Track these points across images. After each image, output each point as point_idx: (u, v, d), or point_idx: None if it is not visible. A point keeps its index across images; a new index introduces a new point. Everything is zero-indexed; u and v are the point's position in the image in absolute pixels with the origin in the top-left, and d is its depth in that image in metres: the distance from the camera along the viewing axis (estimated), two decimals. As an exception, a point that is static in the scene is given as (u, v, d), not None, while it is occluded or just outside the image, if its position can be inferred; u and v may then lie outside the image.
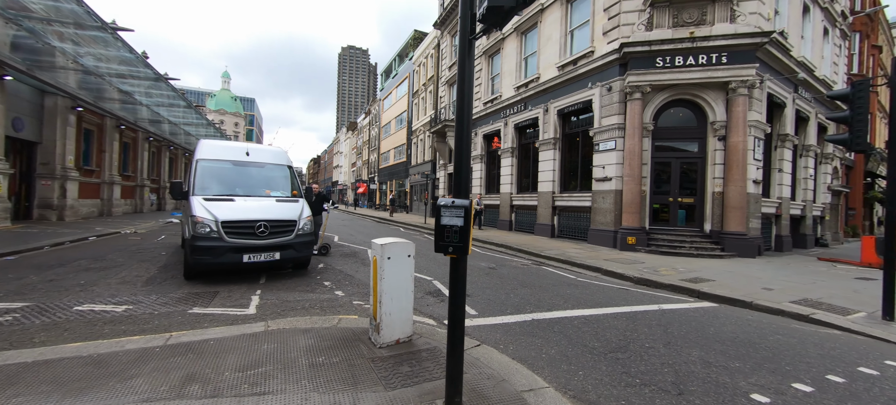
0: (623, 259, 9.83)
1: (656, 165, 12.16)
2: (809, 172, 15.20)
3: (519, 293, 5.91)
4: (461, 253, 2.30)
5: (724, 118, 11.15)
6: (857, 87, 5.20)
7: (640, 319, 4.80)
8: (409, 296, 3.38)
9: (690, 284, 7.04)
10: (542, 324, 4.42)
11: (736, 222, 10.91)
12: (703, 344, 3.98)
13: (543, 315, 4.76)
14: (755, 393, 2.89)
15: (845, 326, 4.93)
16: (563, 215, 14.74)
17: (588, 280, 7.48)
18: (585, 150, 13.90)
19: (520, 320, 4.52)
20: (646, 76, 11.40)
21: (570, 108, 14.24)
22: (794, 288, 7.04)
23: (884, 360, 3.77)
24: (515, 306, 5.13)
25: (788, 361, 3.59)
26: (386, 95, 46.63)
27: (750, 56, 10.73)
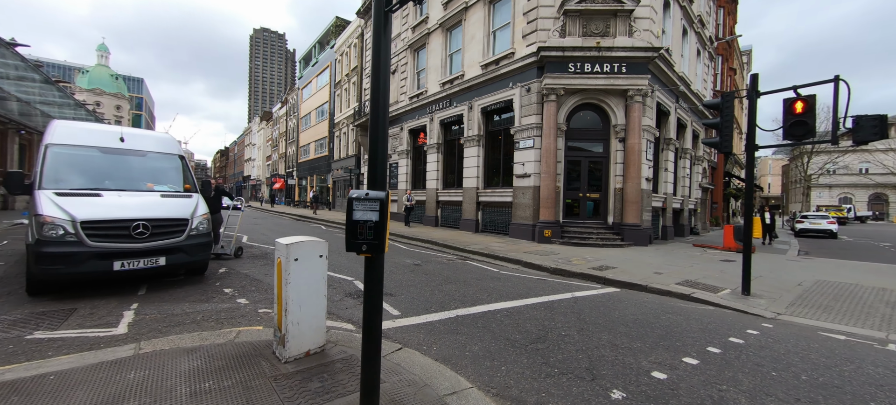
0: (541, 251, 10.42)
1: (568, 163, 13.15)
2: (686, 172, 17.88)
3: (444, 289, 5.82)
4: (376, 251, 2.05)
5: (624, 122, 12.47)
6: (725, 98, 6.11)
7: (557, 308, 5.03)
8: (322, 301, 3.01)
9: (597, 272, 7.68)
10: (467, 320, 4.36)
11: (633, 215, 12.30)
12: (611, 327, 4.28)
13: (468, 310, 4.72)
14: (655, 370, 3.15)
15: (716, 302, 5.77)
16: (487, 210, 15.19)
17: (510, 272, 7.73)
18: (507, 148, 14.48)
19: (444, 318, 4.40)
20: (560, 80, 12.22)
21: (493, 107, 14.69)
22: (677, 271, 8.11)
23: (746, 330, 4.45)
24: (440, 303, 5.02)
25: (678, 338, 4.03)
26: (305, 84, 43.58)
27: (644, 68, 12.14)
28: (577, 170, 13.22)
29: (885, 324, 4.81)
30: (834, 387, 3.00)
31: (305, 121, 43.36)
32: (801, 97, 5.55)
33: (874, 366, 3.46)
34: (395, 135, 21.47)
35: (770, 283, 7.13)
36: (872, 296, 6.33)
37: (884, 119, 4.93)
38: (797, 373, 3.22)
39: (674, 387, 2.86)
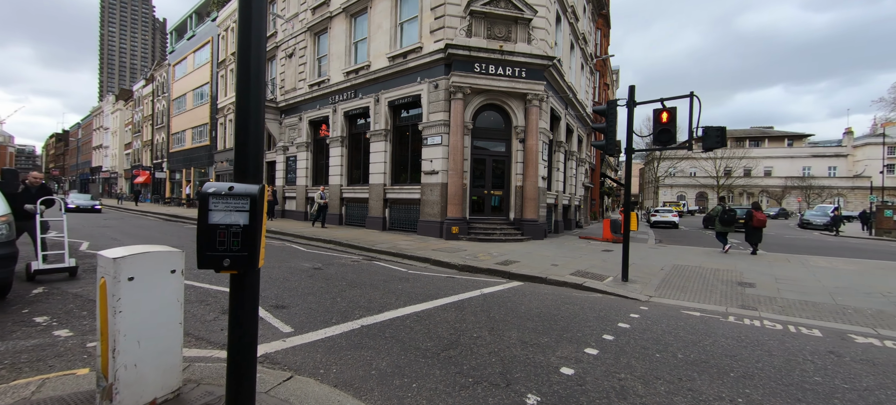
0: (449, 248, 10.43)
1: (474, 161, 13.50)
2: (573, 172, 20.08)
3: (348, 295, 5.26)
4: (246, 266, 1.52)
5: (524, 124, 13.29)
6: (610, 105, 6.79)
7: (467, 307, 4.92)
8: (177, 331, 2.27)
9: (502, 267, 7.92)
10: (374, 330, 3.92)
11: (531, 211, 13.21)
12: (518, 324, 4.31)
13: (374, 318, 4.28)
14: (563, 366, 3.18)
15: (603, 289, 6.38)
16: (395, 208, 14.76)
17: (419, 272, 7.47)
18: (415, 144, 14.24)
19: (348, 330, 3.89)
20: (466, 79, 12.43)
21: (400, 101, 14.28)
22: (570, 262, 8.87)
23: (629, 314, 4.93)
24: (343, 312, 4.47)
25: (578, 328, 4.24)
26: (179, 60, 37.00)
27: (540, 74, 13.10)
28: (482, 168, 13.66)
29: (725, 300, 5.86)
30: (702, 362, 3.40)
31: (179, 103, 36.86)
32: (667, 109, 6.46)
33: (725, 338, 4.09)
34: (294, 125, 19.54)
35: (640, 269, 8.23)
36: (711, 275, 7.76)
37: (723, 130, 6.00)
38: (674, 353, 3.60)
39: (581, 383, 2.89)
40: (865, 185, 48.64)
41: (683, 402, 2.66)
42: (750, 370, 3.25)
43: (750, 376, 3.13)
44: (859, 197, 50.02)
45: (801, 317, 5.04)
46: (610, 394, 2.72)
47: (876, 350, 3.90)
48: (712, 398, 2.74)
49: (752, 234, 11.77)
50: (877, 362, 3.55)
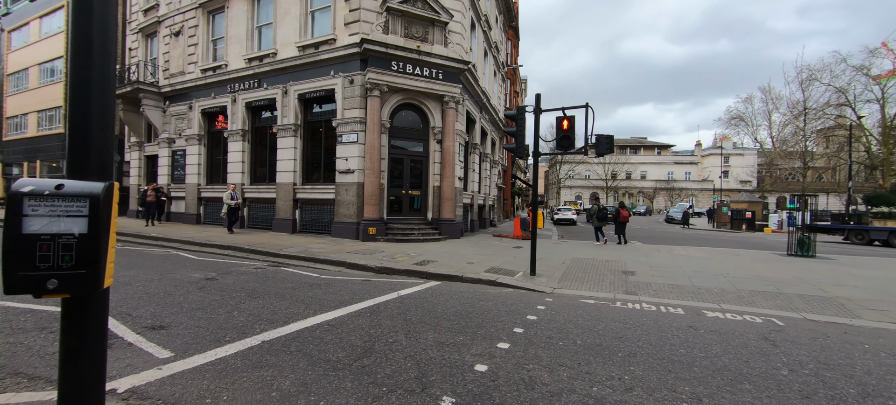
0: (365, 249, 10.07)
1: (392, 161, 13.28)
2: (487, 173, 21.09)
3: (247, 308, 4.68)
4: (86, 287, 1.18)
5: (441, 125, 13.50)
6: (519, 111, 7.23)
7: (383, 311, 4.76)
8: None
9: (420, 267, 7.90)
10: (277, 345, 3.53)
11: (448, 211, 13.48)
12: (435, 324, 4.30)
13: (278, 332, 3.87)
14: (478, 363, 3.24)
15: (514, 284, 6.76)
16: (306, 208, 13.78)
17: (332, 276, 7.04)
18: (329, 141, 13.48)
19: (245, 348, 3.44)
20: (383, 76, 12.15)
21: (312, 94, 13.37)
22: (485, 260, 9.25)
23: (536, 306, 5.30)
24: (240, 328, 3.95)
25: (491, 324, 4.39)
26: (17, 25, 29.48)
27: (456, 77, 13.44)
28: (400, 167, 13.52)
29: (613, 287, 6.66)
30: (597, 346, 3.78)
31: (19, 80, 29.38)
32: (567, 117, 7.11)
33: (614, 322, 4.63)
34: (182, 114, 16.98)
35: (546, 263, 8.96)
36: (603, 266, 8.79)
37: (611, 138, 6.82)
38: (574, 340, 3.94)
39: (494, 378, 2.97)
40: (709, 187, 60.55)
41: (582, 385, 2.90)
42: (633, 349, 3.71)
43: (633, 354, 3.57)
44: (706, 197, 61.90)
45: (669, 298, 5.97)
46: (520, 387, 2.84)
47: (720, 322, 4.80)
48: (605, 378, 3.04)
49: (619, 228, 14.53)
50: (721, 332, 4.35)
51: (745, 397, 2.80)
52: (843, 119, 37.32)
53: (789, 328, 4.58)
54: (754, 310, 5.33)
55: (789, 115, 41.85)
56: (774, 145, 45.93)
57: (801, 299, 5.98)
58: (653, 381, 3.01)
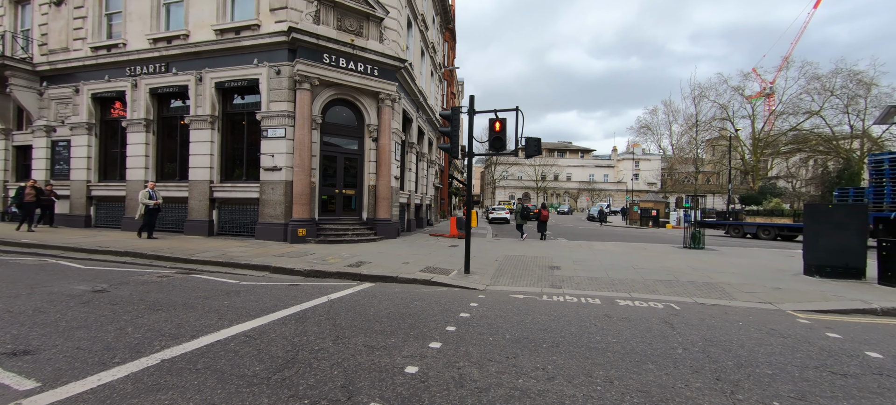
0: (294, 252, 9.46)
1: (325, 158, 12.66)
2: (424, 173, 21.12)
3: (145, 323, 4.09)
4: None
5: (377, 123, 13.19)
6: (454, 111, 7.33)
7: (310, 317, 4.48)
8: None
9: (353, 269, 7.62)
10: (180, 363, 3.12)
11: (384, 210, 13.22)
12: (366, 328, 4.16)
13: (184, 347, 3.43)
14: (408, 365, 3.18)
15: (449, 283, 6.83)
16: (226, 209, 12.56)
17: (254, 282, 6.48)
18: (253, 136, 12.43)
19: (139, 369, 2.98)
20: (314, 69, 11.52)
21: (232, 83, 12.21)
22: (420, 259, 9.22)
23: (469, 303, 5.40)
24: (134, 346, 3.43)
25: (425, 324, 4.37)
26: None
27: (392, 75, 13.23)
28: (334, 165, 12.95)
29: (541, 282, 7.06)
30: (524, 339, 3.95)
31: None
32: (499, 119, 7.37)
33: (540, 315, 4.89)
34: (65, 98, 14.46)
35: (480, 261, 9.20)
36: (532, 262, 9.28)
37: (539, 140, 7.22)
38: (504, 334, 4.08)
39: (424, 379, 2.94)
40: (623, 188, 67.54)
41: (509, 378, 3.00)
42: (557, 340, 3.95)
43: (556, 345, 3.79)
44: (621, 197, 68.86)
45: (588, 290, 6.49)
46: (450, 385, 2.85)
47: (630, 309, 5.32)
48: (530, 370, 3.18)
49: (540, 226, 16.06)
50: (631, 319, 4.83)
51: (649, 376, 3.11)
52: (725, 131, 44.05)
53: (684, 312, 5.24)
54: (657, 297, 6.02)
55: (685, 126, 48.35)
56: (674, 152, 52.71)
57: (693, 286, 6.89)
58: (572, 369, 3.22)
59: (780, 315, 5.19)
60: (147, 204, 10.99)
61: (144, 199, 11.02)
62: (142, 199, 10.98)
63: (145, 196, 11.07)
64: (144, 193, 11.09)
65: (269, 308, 4.84)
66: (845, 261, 7.22)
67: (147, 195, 11.11)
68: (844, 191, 19.34)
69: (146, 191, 11.19)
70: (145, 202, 10.98)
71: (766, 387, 2.95)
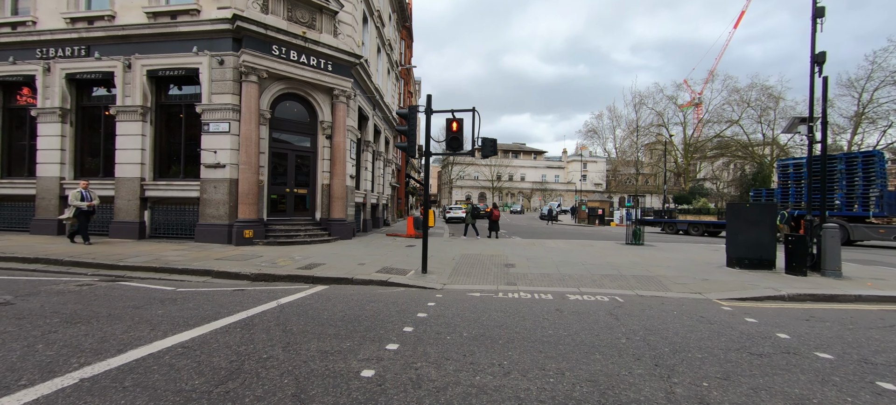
0: (240, 255, 8.88)
1: (274, 156, 12.03)
2: (381, 172, 20.78)
3: (60, 338, 3.61)
4: None
5: (331, 120, 12.75)
6: (411, 110, 7.27)
7: (258, 324, 4.22)
8: None
9: (306, 272, 7.31)
10: (104, 381, 2.80)
11: (339, 210, 12.82)
12: (320, 332, 4.00)
13: (108, 364, 3.07)
14: (364, 369, 3.10)
15: (406, 283, 6.77)
16: (160, 209, 11.49)
17: (194, 288, 5.98)
18: (192, 130, 11.50)
19: (52, 391, 2.62)
20: (262, 61, 10.89)
21: (168, 72, 11.19)
22: (377, 260, 9.05)
23: (427, 303, 5.38)
24: (45, 365, 3.01)
25: (382, 326, 4.29)
26: None
27: (347, 71, 12.87)
28: (284, 163, 12.34)
29: (497, 280, 7.22)
30: (481, 336, 4.02)
31: None
32: (456, 119, 7.43)
33: (497, 312, 5.00)
34: (-45, 80, 12.43)
35: (437, 261, 9.23)
36: (488, 260, 9.47)
37: (495, 141, 7.38)
38: (461, 333, 4.11)
39: (381, 382, 2.88)
40: (573, 188, 71.09)
41: (466, 376, 3.03)
42: (512, 335, 4.05)
43: (512, 340, 3.90)
44: (571, 197, 72.46)
45: (541, 286, 6.74)
46: (407, 387, 2.82)
47: (580, 303, 5.61)
48: (487, 366, 3.24)
49: (492, 225, 16.70)
50: (580, 312, 5.08)
51: (597, 365, 3.29)
52: (661, 136, 47.96)
53: (627, 304, 5.62)
54: (604, 291, 6.40)
55: (627, 130, 52.05)
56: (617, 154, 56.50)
57: (635, 279, 7.41)
58: (527, 363, 3.32)
59: (708, 303, 5.74)
60: (78, 206, 9.73)
61: (76, 200, 9.78)
62: (73, 201, 9.70)
63: (77, 197, 9.83)
64: (76, 194, 9.83)
65: (211, 316, 4.49)
66: (760, 253, 8.17)
67: (79, 196, 9.88)
68: (758, 191, 21.87)
69: (78, 191, 9.94)
70: (76, 204, 9.73)
71: (697, 370, 3.24)
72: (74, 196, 9.83)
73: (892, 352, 3.78)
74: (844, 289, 6.28)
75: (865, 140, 32.70)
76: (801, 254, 7.43)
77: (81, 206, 9.79)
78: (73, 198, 9.77)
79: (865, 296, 5.96)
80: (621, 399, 2.72)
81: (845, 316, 5.14)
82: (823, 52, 7.42)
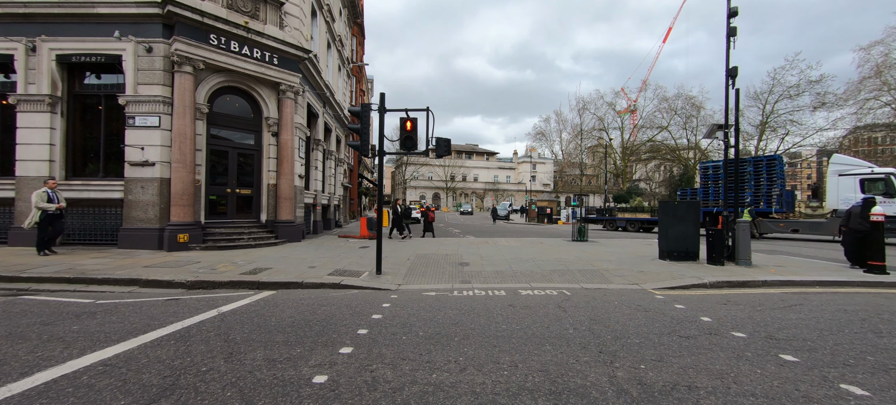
0: (173, 261, 8.13)
1: (213, 153, 11.16)
2: (332, 172, 20.09)
3: (-58, 365, 3.06)
4: None
5: (277, 116, 12.09)
6: (364, 108, 7.12)
7: (196, 335, 3.89)
8: None
9: (250, 277, 6.88)
10: (3, 410, 2.42)
11: (287, 211, 12.20)
12: (267, 340, 3.78)
13: (8, 390, 2.66)
14: (316, 375, 2.98)
15: (360, 285, 6.62)
16: (76, 212, 10.19)
17: (117, 300, 5.37)
18: (115, 124, 10.35)
19: (-69, 428, 2.22)
20: (198, 50, 10.05)
21: (84, 58, 9.95)
22: (329, 262, 8.74)
23: (382, 304, 5.30)
24: (-77, 399, 2.54)
25: (334, 329, 4.15)
26: None
27: (295, 65, 12.29)
28: (225, 162, 11.50)
29: (451, 279, 7.29)
30: (436, 334, 4.03)
31: None
32: (410, 118, 7.39)
33: (452, 310, 5.05)
34: None
35: (392, 261, 9.12)
36: (443, 259, 9.53)
37: (449, 141, 7.45)
38: (417, 332, 4.10)
39: (335, 387, 2.79)
40: (523, 188, 73.80)
41: (423, 375, 3.03)
42: (467, 332, 4.12)
43: (468, 337, 3.96)
44: (521, 196, 75.18)
45: (495, 283, 6.92)
46: (362, 390, 2.75)
47: (531, 298, 5.84)
48: (443, 364, 3.26)
49: (426, 225, 17.44)
50: (531, 306, 5.29)
51: (547, 356, 3.45)
52: (602, 140, 51.35)
53: (574, 296, 5.95)
54: (553, 286, 6.72)
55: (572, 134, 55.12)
56: (564, 156, 59.63)
57: (580, 273, 7.87)
58: (482, 358, 3.39)
59: (643, 293, 6.25)
60: (43, 208, 8.41)
61: (40, 202, 8.41)
62: (37, 203, 8.30)
63: (40, 198, 8.42)
64: (38, 195, 8.35)
65: (139, 329, 4.06)
66: (686, 246, 9.07)
67: (43, 197, 8.48)
68: (685, 191, 24.20)
69: (42, 191, 8.48)
70: (41, 206, 8.39)
71: (636, 354, 3.52)
72: (38, 197, 8.45)
73: (791, 328, 4.37)
74: (754, 276, 7.17)
75: (768, 146, 37.55)
76: (719, 246, 8.36)
77: (46, 208, 8.52)
78: (38, 199, 8.38)
79: (770, 281, 6.85)
80: (570, 385, 2.87)
81: (755, 299, 5.87)
82: (736, 67, 8.41)
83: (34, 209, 8.44)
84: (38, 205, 8.44)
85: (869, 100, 29.94)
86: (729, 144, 8.95)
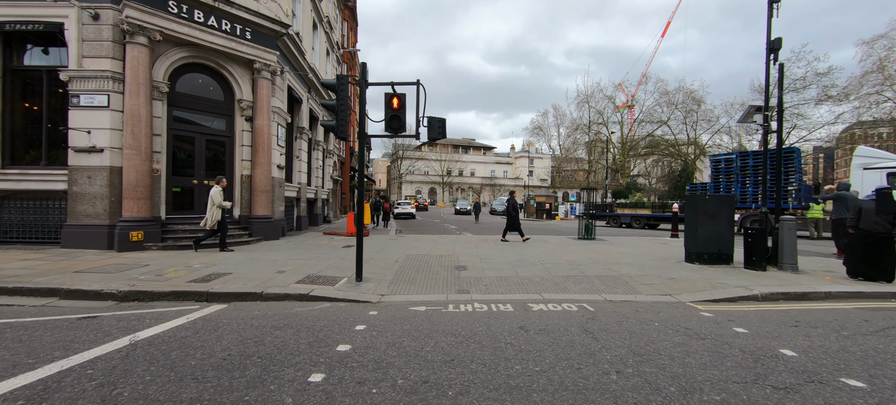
0: (116, 265, 6.84)
1: (176, 139, 9.84)
2: (320, 163, 18.74)
3: None
4: None
5: (251, 98, 10.76)
6: (340, 80, 5.84)
7: (69, 387, 2.63)
8: None
9: (201, 285, 5.62)
10: None
11: (263, 206, 10.90)
12: (174, 394, 2.53)
13: None
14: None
15: (333, 296, 5.38)
16: (12, 206, 8.86)
17: (15, 319, 4.09)
18: (59, 104, 8.97)
19: None
20: (153, 18, 8.68)
21: (18, 26, 8.57)
22: (303, 265, 7.48)
23: (355, 327, 4.07)
24: None
25: (280, 368, 2.91)
26: None
27: (272, 42, 10.93)
28: (190, 148, 10.17)
29: (446, 286, 6.06)
30: (422, 382, 2.81)
31: None
32: (397, 94, 6.13)
33: (445, 336, 3.82)
34: None
35: (378, 264, 7.88)
36: (437, 262, 8.30)
37: (443, 121, 6.19)
38: (395, 378, 2.87)
39: None
40: (521, 183, 72.67)
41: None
42: (466, 378, 2.90)
43: (467, 388, 2.74)
44: (519, 192, 74.11)
45: (498, 293, 5.71)
46: None
47: (545, 316, 4.62)
48: (430, 449, 2.03)
49: (384, 216, 18.60)
50: (549, 330, 4.08)
51: (590, 429, 2.24)
52: (600, 135, 50.23)
53: (600, 314, 4.74)
54: (569, 297, 5.51)
55: (570, 128, 53.93)
56: (562, 151, 58.49)
57: (599, 280, 6.67)
58: (491, 434, 2.17)
59: (683, 308, 5.06)
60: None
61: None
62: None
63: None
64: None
65: (15, 365, 2.79)
66: (719, 248, 7.90)
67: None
68: (694, 186, 23.07)
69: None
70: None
71: (723, 423, 2.31)
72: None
73: (907, 366, 3.20)
74: (811, 286, 5.99)
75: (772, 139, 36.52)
76: (760, 248, 7.18)
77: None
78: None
79: (834, 294, 5.67)
80: None
81: (829, 319, 4.69)
82: (779, 38, 7.22)
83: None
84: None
85: (871, 94, 28.99)
86: (769, 129, 7.76)
